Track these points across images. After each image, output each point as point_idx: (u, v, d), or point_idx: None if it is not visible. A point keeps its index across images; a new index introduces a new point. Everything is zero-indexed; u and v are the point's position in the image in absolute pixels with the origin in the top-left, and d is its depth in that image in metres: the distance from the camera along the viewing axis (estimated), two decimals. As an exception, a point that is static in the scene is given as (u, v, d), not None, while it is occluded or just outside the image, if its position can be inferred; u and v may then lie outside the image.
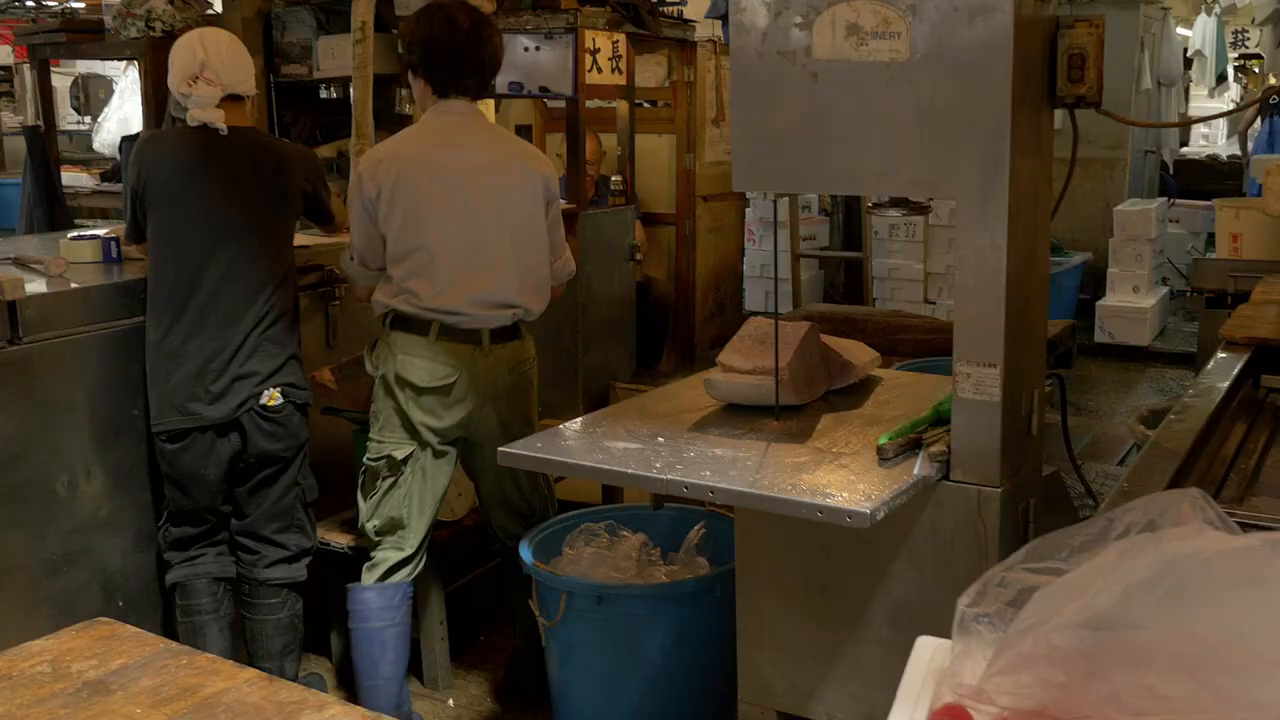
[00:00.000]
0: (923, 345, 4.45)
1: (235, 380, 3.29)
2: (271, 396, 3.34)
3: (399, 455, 3.32)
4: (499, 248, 3.29)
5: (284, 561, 3.48)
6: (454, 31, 3.25)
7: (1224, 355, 2.94)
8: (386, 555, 3.39)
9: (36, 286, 3.33)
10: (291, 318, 3.46)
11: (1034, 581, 1.15)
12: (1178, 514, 1.14)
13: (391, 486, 3.35)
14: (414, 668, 3.78)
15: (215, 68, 3.37)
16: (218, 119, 3.34)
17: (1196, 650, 0.94)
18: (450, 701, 3.66)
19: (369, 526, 3.39)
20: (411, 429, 3.31)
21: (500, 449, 2.67)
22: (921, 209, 2.74)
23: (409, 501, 3.35)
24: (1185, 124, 10.52)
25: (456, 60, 3.27)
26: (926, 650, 1.28)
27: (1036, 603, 1.07)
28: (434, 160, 3.28)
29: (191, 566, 3.46)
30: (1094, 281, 8.41)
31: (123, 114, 9.19)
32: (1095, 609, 1.00)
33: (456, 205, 3.26)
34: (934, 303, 7.71)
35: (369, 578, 3.40)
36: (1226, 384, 2.67)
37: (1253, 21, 11.69)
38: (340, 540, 3.67)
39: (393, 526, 3.37)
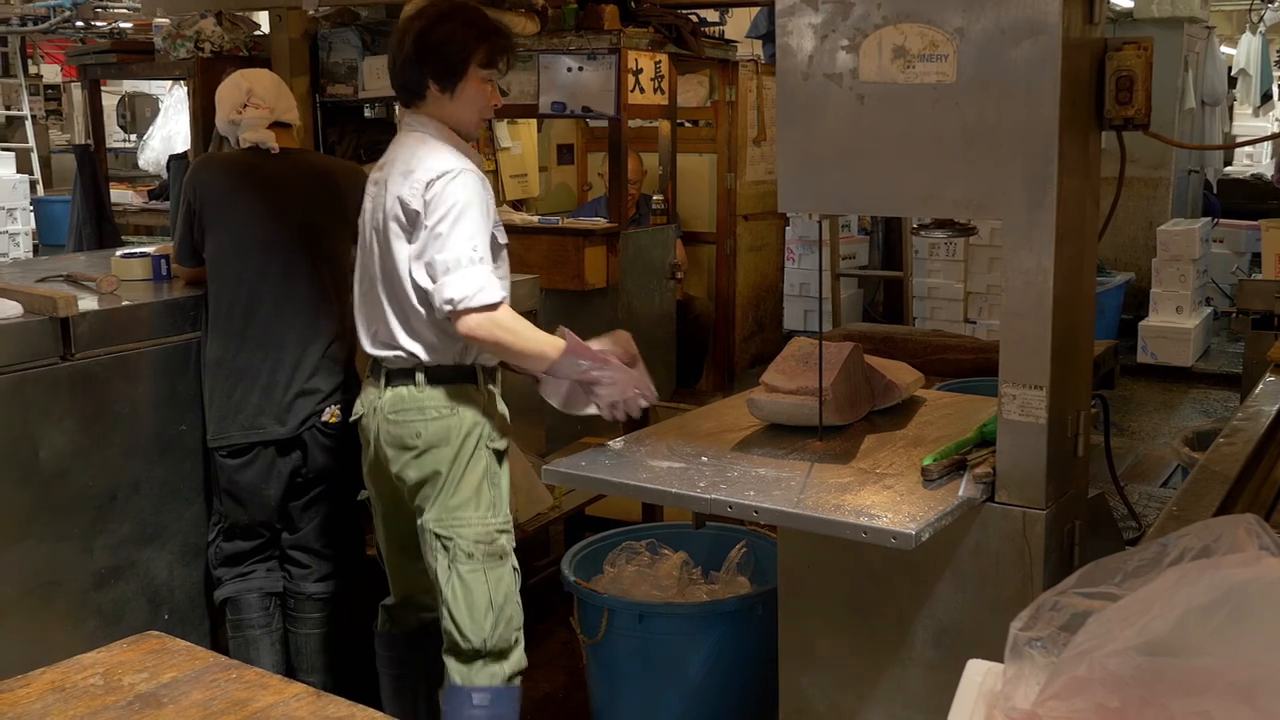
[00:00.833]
0: (963, 365, 4.43)
1: (299, 397, 3.34)
2: (333, 414, 3.38)
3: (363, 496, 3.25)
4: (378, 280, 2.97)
5: (333, 576, 3.51)
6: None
7: (1272, 379, 2.92)
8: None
9: (89, 304, 3.38)
10: (350, 335, 3.46)
11: (1087, 606, 1.15)
12: (1233, 540, 1.13)
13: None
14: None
15: (261, 94, 3.49)
16: (269, 139, 3.40)
17: (1254, 677, 0.94)
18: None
19: None
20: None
21: (545, 467, 2.67)
22: (967, 230, 2.73)
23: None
24: (1231, 146, 10.43)
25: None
26: (978, 673, 1.28)
27: (1091, 627, 1.07)
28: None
29: (244, 582, 3.49)
30: (1137, 301, 8.36)
31: (167, 132, 9.30)
32: (1151, 634, 1.00)
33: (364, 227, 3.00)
34: (974, 322, 7.68)
35: None
36: (1276, 407, 2.65)
37: (1298, 40, 11.59)
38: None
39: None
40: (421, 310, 2.81)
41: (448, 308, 2.71)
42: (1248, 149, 12.97)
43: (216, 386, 3.36)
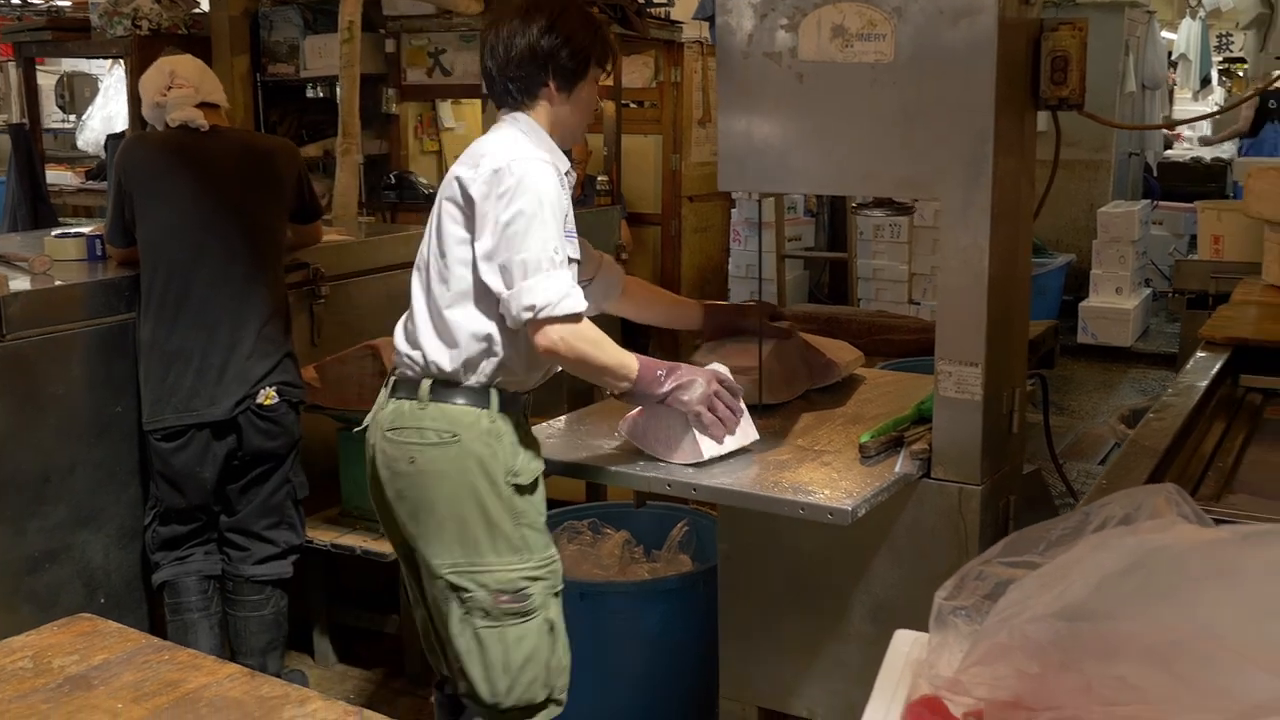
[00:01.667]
0: (907, 345, 4.47)
1: (233, 379, 3.30)
2: (268, 395, 3.34)
3: None
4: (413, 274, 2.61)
5: (272, 559, 3.48)
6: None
7: (1203, 355, 2.97)
8: None
9: (21, 284, 3.33)
10: (285, 315, 3.47)
11: (1010, 575, 1.16)
12: (1153, 508, 1.15)
13: None
14: (396, 664, 3.79)
15: (184, 75, 3.46)
16: (197, 116, 3.37)
17: (1168, 641, 0.96)
18: (433, 699, 3.66)
19: None
20: None
21: None
22: (906, 209, 2.76)
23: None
24: (1168, 125, 10.58)
25: None
26: (904, 643, 1.30)
27: (1012, 595, 1.09)
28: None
29: (182, 565, 3.46)
30: (1077, 283, 8.45)
31: (107, 112, 9.15)
32: (1069, 600, 1.01)
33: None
34: (919, 303, 7.73)
35: None
36: (1205, 383, 2.70)
37: (1237, 25, 11.74)
38: (323, 538, 3.66)
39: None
40: (459, 306, 2.46)
41: (527, 315, 2.34)
42: (1187, 133, 13.13)
43: (151, 369, 3.32)
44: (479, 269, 2.40)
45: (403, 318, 2.58)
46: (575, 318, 2.37)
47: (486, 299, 2.42)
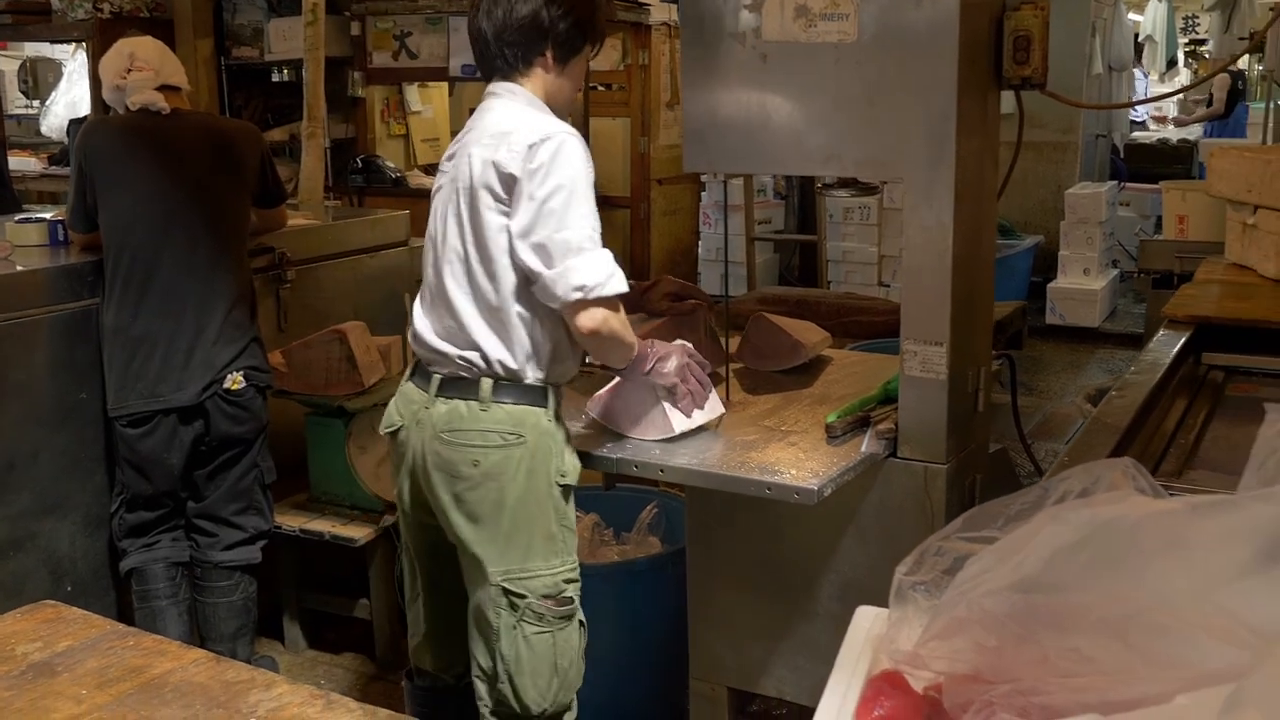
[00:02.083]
0: (875, 326, 4.48)
1: (200, 364, 3.28)
2: (235, 380, 3.32)
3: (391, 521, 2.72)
4: (443, 263, 2.46)
5: (240, 544, 3.46)
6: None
7: (1166, 333, 2.99)
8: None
9: (-18, 270, 3.30)
10: (250, 299, 3.45)
11: (970, 550, 1.17)
12: (1110, 482, 1.16)
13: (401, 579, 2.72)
14: (366, 649, 3.78)
15: (144, 58, 3.41)
16: (157, 99, 3.34)
17: (1121, 612, 0.97)
18: (403, 683, 3.66)
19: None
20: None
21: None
22: (871, 190, 2.77)
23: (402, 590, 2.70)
24: (1131, 105, 10.64)
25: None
26: (866, 619, 1.30)
27: (970, 569, 1.09)
28: (442, 161, 2.58)
29: (149, 552, 3.44)
30: (1045, 264, 8.50)
31: (71, 97, 9.05)
32: (1025, 573, 1.02)
33: (434, 218, 2.52)
34: (889, 285, 7.75)
35: None
36: (1168, 361, 2.72)
37: (1202, 7, 11.82)
38: (292, 523, 3.65)
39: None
40: (513, 299, 2.36)
41: (575, 296, 2.27)
42: (1154, 115, 13.22)
43: (115, 355, 3.29)
44: (514, 248, 2.31)
45: (427, 316, 2.46)
46: (619, 299, 2.34)
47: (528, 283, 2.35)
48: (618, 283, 2.31)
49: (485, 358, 2.36)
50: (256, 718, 1.58)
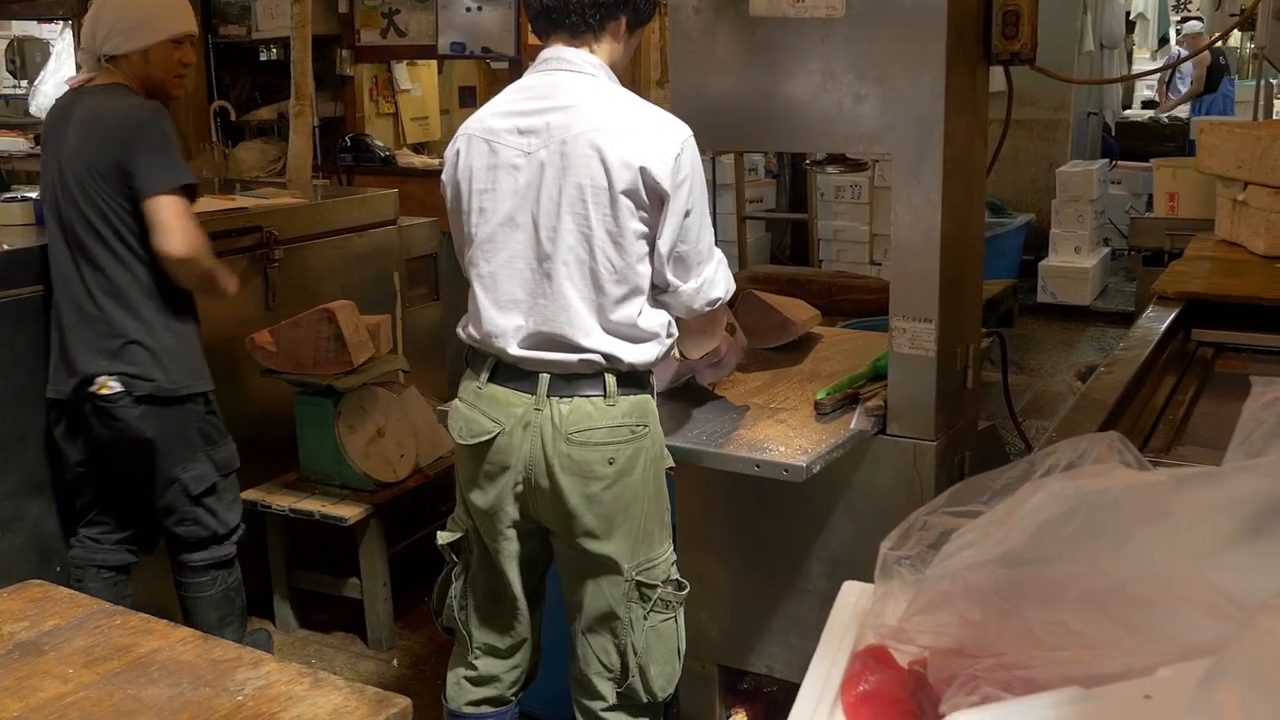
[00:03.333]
0: (866, 305, 4.47)
1: (71, 362, 3.08)
2: (103, 385, 3.02)
3: (447, 539, 2.52)
4: (556, 262, 2.26)
5: (203, 545, 3.26)
6: None
7: (1156, 310, 2.99)
8: (455, 673, 2.61)
9: (-33, 249, 3.27)
10: (130, 300, 3.04)
11: (955, 524, 1.17)
12: (1096, 455, 1.16)
13: (445, 580, 2.59)
14: (357, 628, 3.79)
15: (84, 32, 3.14)
16: (76, 82, 3.14)
17: (1105, 585, 0.96)
18: (394, 661, 3.67)
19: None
20: (463, 501, 2.48)
21: (439, 407, 2.62)
22: (860, 166, 2.75)
23: (463, 604, 2.56)
24: (1121, 80, 10.64)
25: None
26: (852, 595, 1.30)
27: (954, 543, 1.09)
28: (499, 131, 2.31)
29: (84, 548, 3.29)
30: (1037, 242, 8.49)
31: (60, 76, 8.98)
32: (1009, 546, 1.02)
33: (510, 195, 2.29)
34: (880, 264, 7.74)
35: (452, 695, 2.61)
36: (1157, 337, 2.72)
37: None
38: (282, 503, 3.65)
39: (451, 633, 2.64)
40: (635, 298, 2.26)
41: (710, 309, 2.33)
42: (1146, 94, 13.20)
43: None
44: (657, 261, 2.24)
45: (519, 316, 2.28)
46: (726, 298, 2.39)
47: (653, 289, 2.30)
48: (731, 284, 2.36)
49: (607, 355, 2.25)
50: (243, 696, 1.58)
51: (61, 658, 1.70)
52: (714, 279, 2.29)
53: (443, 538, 2.50)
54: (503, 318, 2.28)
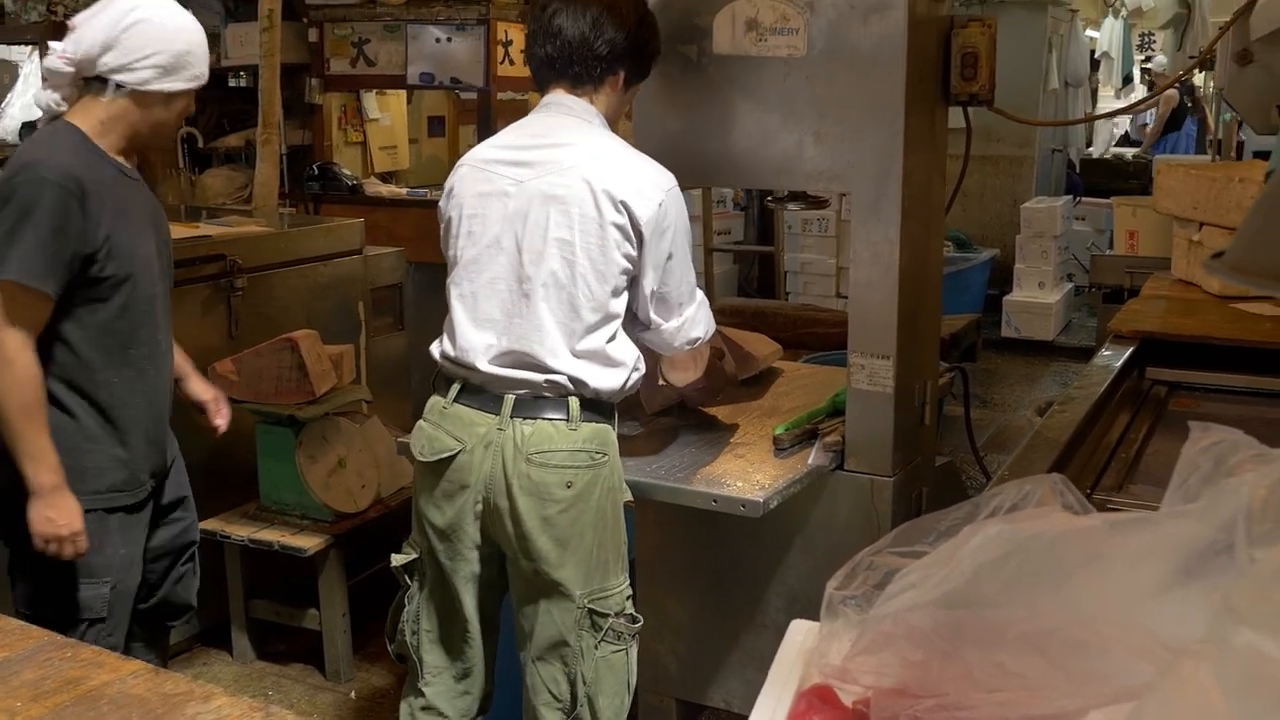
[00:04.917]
0: (831, 338, 4.50)
1: None
2: None
3: (401, 561, 2.53)
4: (535, 284, 2.30)
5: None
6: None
7: (1111, 348, 3.02)
8: (408, 702, 2.57)
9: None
10: None
11: (900, 564, 1.18)
12: (1040, 498, 1.17)
13: (398, 605, 2.58)
14: (315, 659, 3.76)
15: (83, 43, 2.53)
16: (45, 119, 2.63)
17: (1043, 628, 0.98)
18: (352, 694, 3.64)
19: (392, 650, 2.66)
20: (419, 521, 2.47)
21: (399, 439, 2.61)
22: (821, 203, 2.78)
23: (414, 628, 2.54)
24: (1080, 121, 10.74)
25: (533, 38, 2.41)
26: (799, 633, 1.31)
27: (897, 584, 1.10)
28: (494, 162, 2.40)
29: None
30: (1002, 277, 8.56)
31: (27, 100, 8.96)
32: (949, 588, 1.03)
33: (499, 220, 2.35)
34: (846, 297, 7.79)
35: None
36: (1111, 376, 2.75)
37: (1158, 25, 11.98)
38: (240, 533, 3.62)
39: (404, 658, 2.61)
40: (610, 328, 2.31)
41: (689, 347, 2.44)
42: (1115, 132, 13.35)
43: None
44: (638, 300, 2.33)
45: (493, 335, 2.32)
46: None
47: (629, 322, 2.37)
48: (711, 325, 2.48)
49: (574, 379, 2.28)
50: (193, 730, 1.57)
51: (9, 690, 1.68)
52: (694, 319, 2.40)
53: (397, 560, 2.51)
54: (477, 335, 2.33)
